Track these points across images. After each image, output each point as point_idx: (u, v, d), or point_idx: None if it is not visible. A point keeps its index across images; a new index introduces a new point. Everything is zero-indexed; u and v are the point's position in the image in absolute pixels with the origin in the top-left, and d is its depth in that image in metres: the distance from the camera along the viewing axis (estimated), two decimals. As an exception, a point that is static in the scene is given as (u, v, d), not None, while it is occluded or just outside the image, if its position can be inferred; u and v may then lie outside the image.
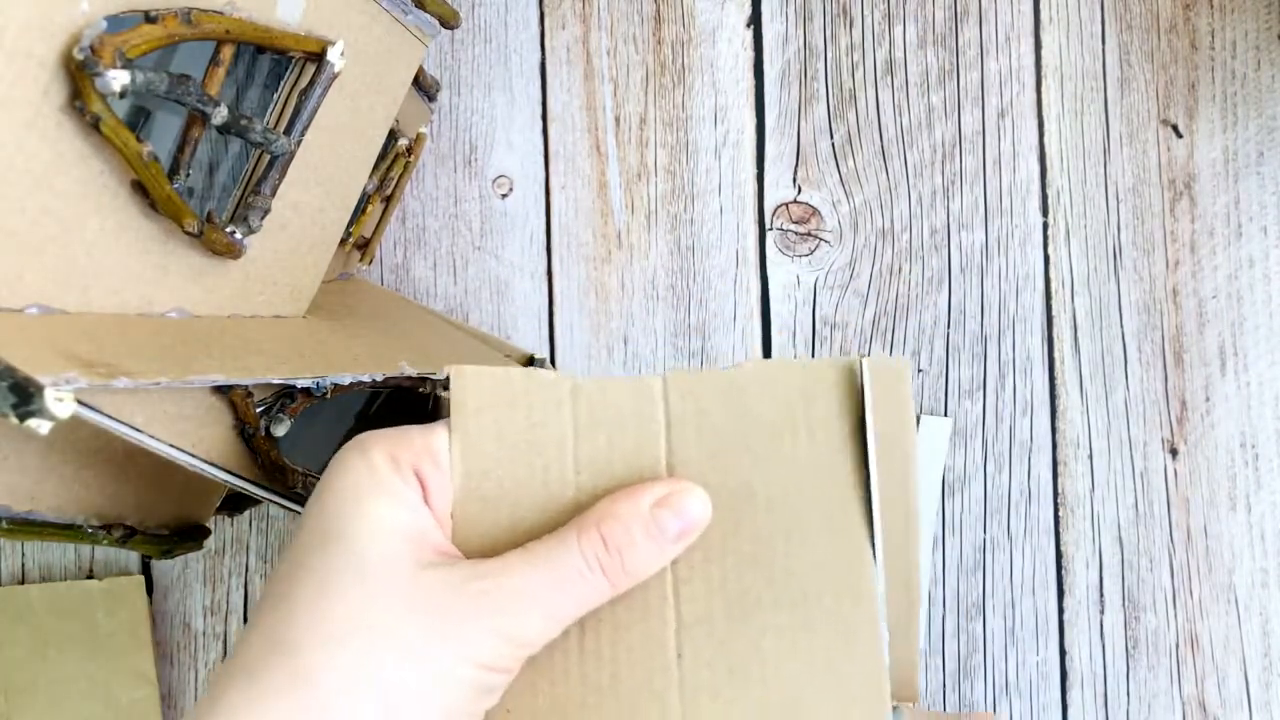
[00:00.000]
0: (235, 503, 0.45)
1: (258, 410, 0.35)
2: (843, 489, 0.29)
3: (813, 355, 0.50)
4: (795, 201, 0.51)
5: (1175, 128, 0.50)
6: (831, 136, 0.50)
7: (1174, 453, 0.49)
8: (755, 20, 0.51)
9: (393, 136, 0.46)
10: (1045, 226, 0.50)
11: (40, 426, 0.23)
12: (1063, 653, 0.49)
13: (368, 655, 0.25)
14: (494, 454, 0.29)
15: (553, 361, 0.50)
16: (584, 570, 0.27)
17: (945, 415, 0.49)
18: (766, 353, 0.50)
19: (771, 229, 0.50)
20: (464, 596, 0.26)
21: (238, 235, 0.35)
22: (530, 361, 0.48)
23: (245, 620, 0.50)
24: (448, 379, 0.40)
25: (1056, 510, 0.49)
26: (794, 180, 0.51)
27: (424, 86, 0.49)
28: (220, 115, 0.31)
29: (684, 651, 0.28)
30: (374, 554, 0.26)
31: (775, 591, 0.28)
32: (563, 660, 0.28)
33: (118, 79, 0.27)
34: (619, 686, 0.28)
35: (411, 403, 0.44)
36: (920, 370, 0.50)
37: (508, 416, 0.29)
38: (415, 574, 0.26)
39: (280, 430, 0.35)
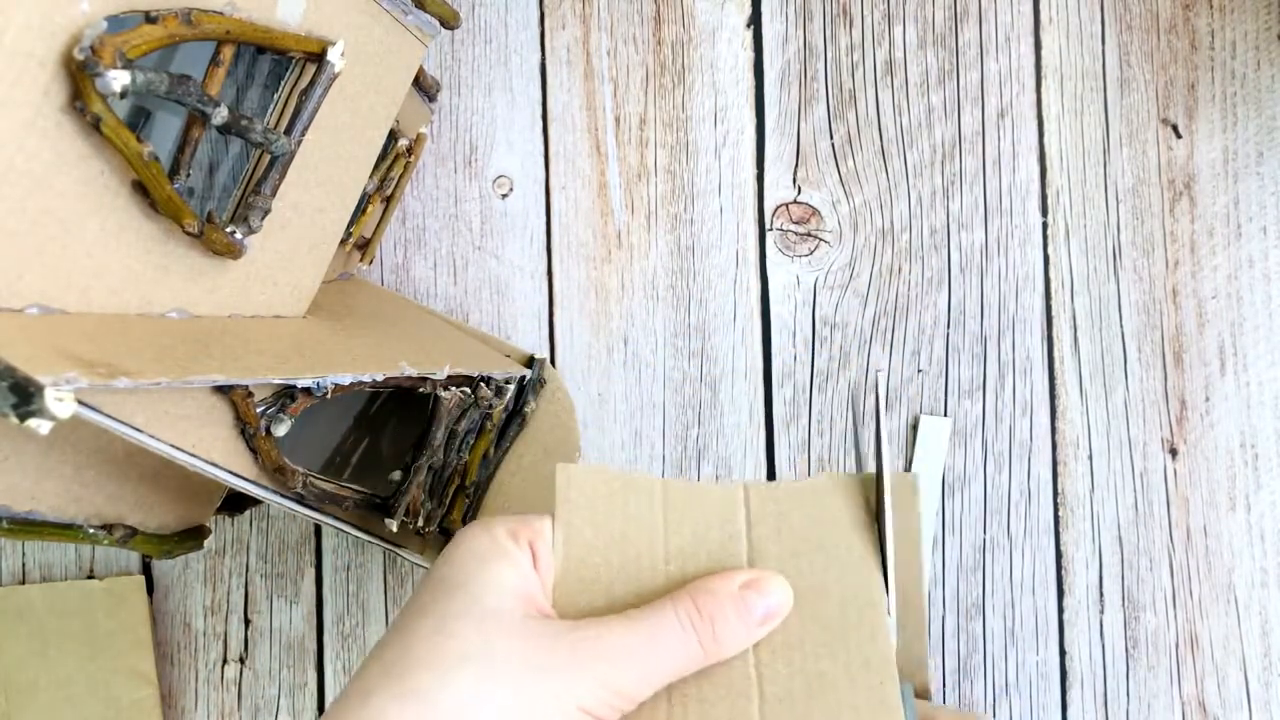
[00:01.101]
0: (235, 503, 0.45)
1: (258, 410, 0.35)
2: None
3: (813, 356, 0.50)
4: (795, 201, 0.51)
5: (1175, 128, 0.50)
6: (831, 137, 0.50)
7: (1174, 453, 0.49)
8: (755, 20, 0.51)
9: (393, 137, 0.46)
10: (1045, 226, 0.50)
11: (40, 426, 0.23)
12: (1062, 652, 0.49)
13: (481, 682, 0.27)
14: (592, 542, 0.32)
15: (553, 361, 0.50)
16: (678, 631, 0.29)
17: (945, 415, 0.49)
18: (766, 352, 0.50)
19: (771, 229, 0.51)
20: (568, 643, 0.29)
21: (238, 235, 0.35)
22: (530, 362, 0.48)
23: (245, 620, 0.50)
24: (447, 380, 0.40)
25: (1056, 510, 0.49)
26: (794, 180, 0.51)
27: (424, 87, 0.49)
28: (220, 115, 0.31)
29: None
30: (490, 602, 0.29)
31: (852, 676, 0.30)
32: None
33: (118, 79, 0.27)
34: None
35: (411, 403, 0.44)
36: (920, 370, 0.50)
37: (605, 510, 0.32)
38: (525, 622, 0.29)
39: (280, 430, 0.35)
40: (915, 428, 0.49)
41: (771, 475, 0.50)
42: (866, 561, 0.32)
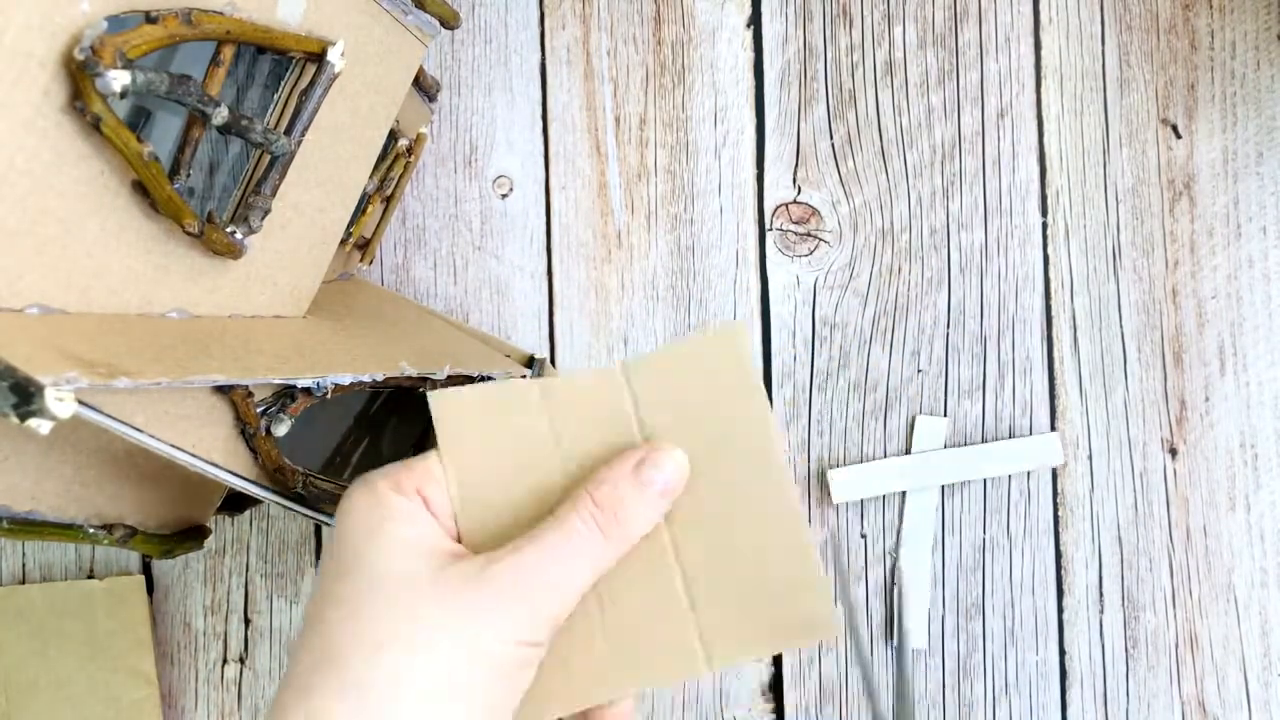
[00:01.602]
0: (235, 503, 0.45)
1: (258, 410, 0.35)
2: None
3: (813, 356, 0.50)
4: (795, 201, 0.51)
5: (1175, 128, 0.50)
6: (831, 137, 0.50)
7: (1173, 453, 0.49)
8: (755, 20, 0.51)
9: (393, 137, 0.46)
10: (1045, 227, 0.50)
11: (41, 426, 0.23)
12: (1062, 652, 0.49)
13: (407, 658, 0.27)
14: (483, 461, 0.31)
15: (553, 361, 0.50)
16: (584, 533, 0.29)
17: (945, 415, 0.49)
18: (766, 352, 0.50)
19: (771, 229, 0.51)
20: (484, 583, 0.28)
21: (238, 235, 0.35)
22: (530, 362, 0.48)
23: (245, 620, 0.50)
24: (447, 380, 0.40)
25: (1056, 510, 0.49)
26: (794, 180, 0.51)
27: (424, 87, 0.49)
28: (221, 116, 0.31)
29: (695, 600, 0.31)
30: (394, 572, 0.29)
31: (765, 529, 0.31)
32: (587, 633, 0.31)
33: (118, 79, 0.27)
34: (645, 644, 0.31)
35: (411, 403, 0.44)
36: (920, 370, 0.50)
37: (488, 426, 0.32)
38: (435, 577, 0.29)
39: (280, 430, 0.35)
40: (914, 428, 0.49)
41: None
42: (756, 414, 0.31)
